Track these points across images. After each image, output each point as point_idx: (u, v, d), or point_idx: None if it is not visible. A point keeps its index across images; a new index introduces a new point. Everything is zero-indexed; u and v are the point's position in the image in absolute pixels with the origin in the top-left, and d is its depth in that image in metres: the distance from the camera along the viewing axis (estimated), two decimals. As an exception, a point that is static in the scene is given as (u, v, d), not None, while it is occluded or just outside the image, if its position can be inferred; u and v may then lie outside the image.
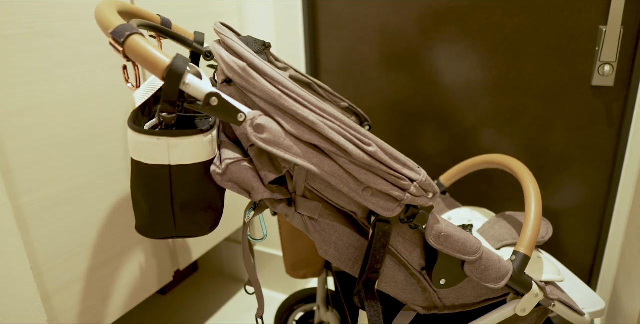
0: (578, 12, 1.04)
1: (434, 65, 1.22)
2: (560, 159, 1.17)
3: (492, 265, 0.69)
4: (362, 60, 1.29)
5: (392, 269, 0.68)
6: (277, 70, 0.56)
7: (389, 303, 0.87)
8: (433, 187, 0.62)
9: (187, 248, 1.22)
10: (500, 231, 0.89)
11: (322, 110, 0.56)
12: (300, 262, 1.05)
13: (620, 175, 1.11)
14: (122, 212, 0.99)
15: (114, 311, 1.01)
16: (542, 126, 1.16)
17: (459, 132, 1.25)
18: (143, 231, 0.66)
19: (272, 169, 0.61)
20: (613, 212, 1.14)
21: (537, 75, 1.12)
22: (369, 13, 1.24)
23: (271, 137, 0.55)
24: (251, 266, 0.74)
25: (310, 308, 1.23)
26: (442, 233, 0.64)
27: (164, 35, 0.77)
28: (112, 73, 0.93)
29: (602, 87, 1.08)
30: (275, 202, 0.64)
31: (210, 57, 0.81)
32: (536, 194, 0.82)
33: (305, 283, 1.57)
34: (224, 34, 0.61)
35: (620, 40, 1.01)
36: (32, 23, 0.77)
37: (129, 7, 0.70)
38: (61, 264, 0.88)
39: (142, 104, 0.70)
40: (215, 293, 1.58)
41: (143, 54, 0.52)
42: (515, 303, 0.75)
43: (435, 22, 1.18)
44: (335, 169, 0.57)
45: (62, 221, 0.87)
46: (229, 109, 0.55)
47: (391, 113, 1.31)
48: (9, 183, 0.77)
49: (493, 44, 1.14)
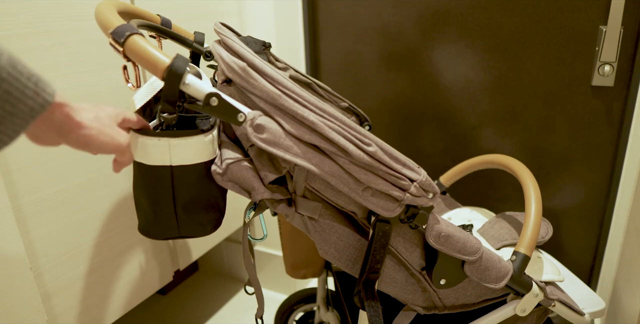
0: (578, 12, 1.04)
1: (434, 65, 1.22)
2: (560, 159, 1.17)
3: (492, 265, 0.69)
4: (362, 60, 1.29)
5: (392, 269, 0.68)
6: (277, 71, 0.56)
7: (389, 303, 0.87)
8: (433, 187, 0.62)
9: (187, 248, 1.22)
10: (500, 231, 0.89)
11: (322, 110, 0.56)
12: (300, 262, 1.05)
13: (620, 175, 1.11)
14: (122, 213, 0.99)
15: (114, 311, 1.01)
16: (542, 126, 1.16)
17: (459, 132, 1.25)
18: (146, 232, 0.66)
19: (272, 169, 0.61)
20: (613, 212, 1.14)
21: (537, 75, 1.12)
22: (369, 13, 1.24)
23: (271, 137, 0.55)
24: (251, 266, 0.74)
25: (310, 308, 1.23)
26: (442, 233, 0.64)
27: (164, 35, 0.77)
28: (112, 73, 0.93)
29: (602, 87, 1.08)
30: (275, 202, 0.64)
31: (210, 57, 0.81)
32: (536, 194, 0.82)
33: (305, 283, 1.57)
34: (224, 34, 0.61)
35: (620, 40, 1.01)
36: (32, 23, 0.77)
37: (129, 7, 0.70)
38: (61, 264, 0.88)
39: (143, 105, 0.70)
40: (215, 293, 1.58)
41: (143, 54, 0.52)
42: (515, 303, 0.75)
43: (435, 22, 1.18)
44: (335, 169, 0.57)
45: (62, 221, 0.87)
46: (229, 109, 0.55)
47: (391, 113, 1.31)
48: (9, 183, 0.77)
49: (493, 44, 1.14)
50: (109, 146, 0.53)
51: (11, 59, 0.41)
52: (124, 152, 0.56)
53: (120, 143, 0.54)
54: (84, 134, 0.50)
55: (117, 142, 0.54)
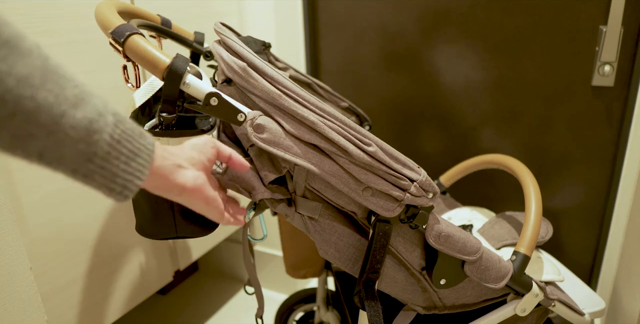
0: (578, 12, 1.04)
1: (434, 65, 1.22)
2: (560, 159, 1.17)
3: (492, 265, 0.69)
4: (362, 60, 1.29)
5: (392, 269, 0.68)
6: (277, 70, 0.56)
7: (389, 303, 0.87)
8: (433, 187, 0.62)
9: (187, 248, 1.22)
10: (500, 231, 0.89)
11: (322, 110, 0.56)
12: (300, 262, 1.05)
13: (620, 175, 1.11)
14: (122, 212, 0.99)
15: (114, 311, 1.01)
16: (542, 126, 1.16)
17: (459, 132, 1.25)
18: (144, 232, 0.66)
19: (272, 169, 0.61)
20: (613, 212, 1.14)
21: (537, 75, 1.12)
22: (369, 13, 1.24)
23: (271, 137, 0.55)
24: (251, 266, 0.74)
25: (310, 308, 1.23)
26: (442, 233, 0.64)
27: (164, 35, 0.77)
28: (112, 73, 0.93)
29: (602, 87, 1.08)
30: (275, 202, 0.64)
31: (210, 57, 0.81)
32: (536, 194, 0.82)
33: (305, 283, 1.57)
34: (224, 34, 0.61)
35: (620, 40, 1.01)
36: (32, 23, 0.77)
37: (129, 7, 0.70)
38: (61, 264, 0.88)
39: (142, 104, 0.70)
40: (215, 293, 1.58)
41: (143, 54, 0.52)
42: (515, 303, 0.75)
43: (435, 22, 1.18)
44: (335, 169, 0.57)
45: (62, 221, 0.87)
46: (229, 109, 0.55)
47: (391, 113, 1.31)
48: (9, 183, 0.77)
49: (493, 44, 1.14)
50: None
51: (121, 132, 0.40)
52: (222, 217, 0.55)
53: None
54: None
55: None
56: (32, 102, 0.34)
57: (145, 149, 0.42)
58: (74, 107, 0.37)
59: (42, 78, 0.35)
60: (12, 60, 0.33)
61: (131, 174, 0.41)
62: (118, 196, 0.41)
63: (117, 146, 0.40)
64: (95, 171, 0.39)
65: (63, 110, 0.36)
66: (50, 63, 0.36)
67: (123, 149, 0.40)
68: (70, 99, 0.37)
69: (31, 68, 0.34)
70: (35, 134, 0.35)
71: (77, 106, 0.37)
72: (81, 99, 0.37)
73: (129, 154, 0.41)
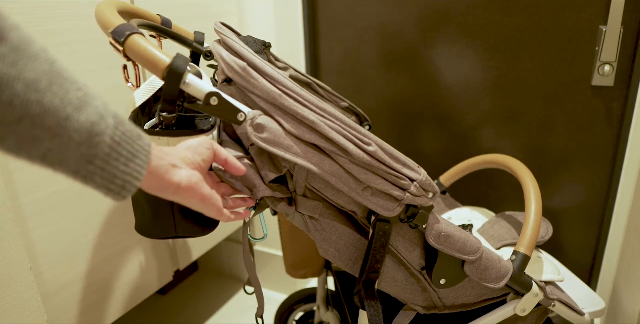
0: (578, 12, 1.04)
1: (434, 65, 1.22)
2: (560, 159, 1.17)
3: (492, 265, 0.69)
4: (362, 60, 1.29)
5: (392, 269, 0.68)
6: (278, 70, 0.56)
7: (389, 303, 0.87)
8: (433, 187, 0.62)
9: (187, 248, 1.22)
10: (500, 231, 0.89)
11: (323, 110, 0.56)
12: (300, 262, 1.05)
13: (620, 175, 1.11)
14: (121, 212, 0.99)
15: (114, 311, 1.00)
16: (542, 126, 1.16)
17: (459, 132, 1.25)
18: (143, 232, 0.66)
19: (273, 168, 0.61)
20: (613, 212, 1.14)
21: (537, 75, 1.12)
22: (369, 13, 1.24)
23: (271, 136, 0.55)
24: (251, 266, 0.73)
25: (310, 308, 1.23)
26: (442, 233, 0.64)
27: (164, 35, 0.77)
28: (112, 73, 0.93)
29: (602, 87, 1.08)
30: (275, 201, 0.64)
31: (210, 57, 0.81)
32: (536, 194, 0.82)
33: (305, 283, 1.57)
34: (224, 33, 0.61)
35: (620, 40, 1.01)
36: (32, 23, 0.77)
37: (129, 7, 0.70)
38: (61, 264, 0.88)
39: (143, 103, 0.70)
40: (215, 293, 1.58)
41: (143, 54, 0.52)
42: (515, 303, 0.75)
43: (435, 22, 1.18)
44: (336, 168, 0.57)
45: (62, 221, 0.87)
46: (229, 108, 0.55)
47: (391, 113, 1.31)
48: (9, 183, 0.77)
49: (493, 44, 1.14)
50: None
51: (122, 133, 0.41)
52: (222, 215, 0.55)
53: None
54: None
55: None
56: (39, 106, 0.35)
57: (143, 150, 0.43)
58: (78, 110, 0.37)
59: (49, 82, 0.35)
60: (21, 66, 0.34)
61: (130, 175, 0.41)
62: (116, 196, 0.42)
63: (117, 147, 0.40)
64: (95, 172, 0.39)
65: (68, 114, 0.36)
66: (57, 67, 0.37)
67: (123, 151, 0.40)
68: (75, 102, 0.37)
69: (39, 73, 0.35)
70: (41, 137, 0.35)
71: (80, 109, 0.37)
72: (84, 102, 0.38)
73: (128, 155, 0.41)
